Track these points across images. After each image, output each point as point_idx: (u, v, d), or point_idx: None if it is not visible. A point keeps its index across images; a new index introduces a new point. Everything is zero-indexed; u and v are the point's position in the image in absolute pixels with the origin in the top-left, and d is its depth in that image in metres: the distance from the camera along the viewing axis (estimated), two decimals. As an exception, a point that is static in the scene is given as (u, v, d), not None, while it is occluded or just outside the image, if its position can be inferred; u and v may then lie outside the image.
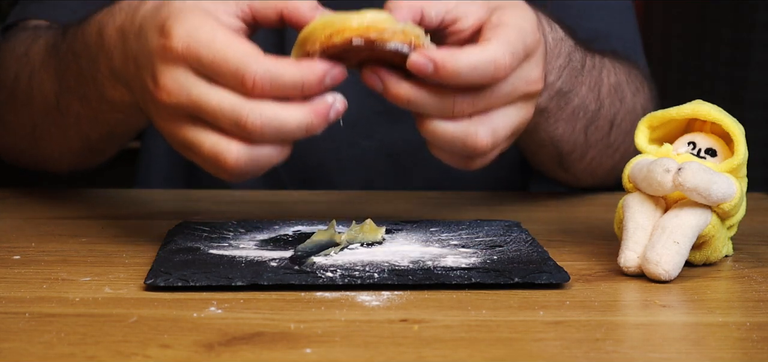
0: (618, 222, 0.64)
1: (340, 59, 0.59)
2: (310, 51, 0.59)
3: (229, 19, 0.62)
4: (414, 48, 0.59)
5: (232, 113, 0.58)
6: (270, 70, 0.58)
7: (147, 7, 0.64)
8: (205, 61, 0.59)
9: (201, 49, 0.59)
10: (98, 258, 0.65)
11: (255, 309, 0.54)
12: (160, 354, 0.48)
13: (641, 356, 0.49)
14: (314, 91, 0.59)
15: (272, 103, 0.58)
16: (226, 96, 0.59)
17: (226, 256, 0.63)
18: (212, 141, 0.60)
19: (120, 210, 0.81)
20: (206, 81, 0.59)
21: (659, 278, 0.60)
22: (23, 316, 0.53)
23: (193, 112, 0.60)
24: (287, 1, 0.62)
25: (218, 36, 0.59)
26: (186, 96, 0.59)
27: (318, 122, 0.60)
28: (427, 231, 0.70)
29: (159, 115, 0.63)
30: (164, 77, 0.60)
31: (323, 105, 0.60)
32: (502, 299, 0.57)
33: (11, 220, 0.77)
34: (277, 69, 0.58)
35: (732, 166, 0.62)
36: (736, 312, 0.56)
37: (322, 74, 0.59)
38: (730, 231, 0.65)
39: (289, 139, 0.60)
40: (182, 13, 0.60)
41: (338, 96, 0.60)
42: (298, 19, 0.61)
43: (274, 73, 0.58)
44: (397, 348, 0.49)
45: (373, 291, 0.57)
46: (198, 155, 0.61)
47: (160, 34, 0.60)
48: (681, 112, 0.64)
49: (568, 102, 0.79)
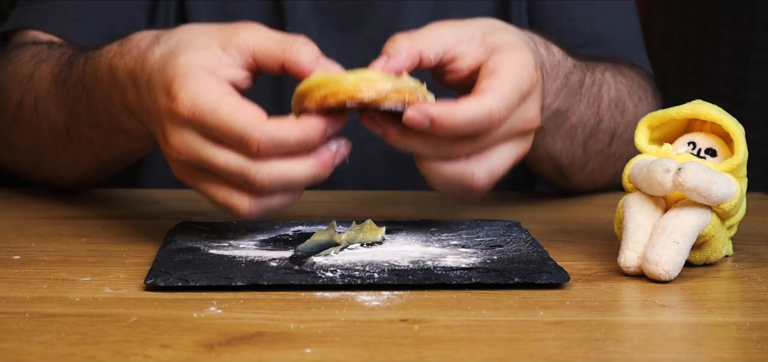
0: (618, 222, 0.64)
1: (338, 111, 0.61)
2: (308, 107, 0.61)
3: (234, 72, 0.64)
4: (409, 104, 0.61)
5: (240, 172, 0.61)
6: (274, 136, 0.60)
7: (155, 58, 0.65)
8: (210, 126, 0.61)
9: (205, 116, 0.61)
10: (98, 258, 0.65)
11: (255, 309, 0.54)
12: (160, 354, 0.48)
13: (641, 356, 0.49)
14: (318, 145, 0.61)
15: (278, 161, 0.61)
16: (233, 157, 0.61)
17: (226, 256, 0.63)
18: (224, 194, 0.62)
19: (120, 210, 0.81)
20: (213, 143, 0.61)
21: (659, 278, 0.60)
22: (23, 316, 0.53)
23: (202, 167, 0.62)
24: (288, 54, 0.64)
25: (222, 104, 0.61)
26: (195, 155, 0.62)
27: (324, 171, 0.62)
28: (427, 231, 0.70)
29: (172, 163, 0.65)
30: (173, 137, 0.62)
31: (328, 154, 0.62)
32: (502, 299, 0.57)
33: (11, 220, 0.77)
34: (281, 133, 0.60)
35: (732, 166, 0.62)
36: (736, 312, 0.56)
37: (324, 129, 0.61)
38: (730, 231, 0.65)
39: (298, 189, 0.63)
40: (187, 77, 0.62)
41: (342, 141, 0.63)
42: (297, 73, 0.63)
43: (278, 137, 0.60)
44: (397, 348, 0.49)
45: (373, 291, 0.57)
46: (211, 202, 0.64)
47: (167, 96, 0.62)
48: (681, 112, 0.64)
49: (565, 120, 0.80)
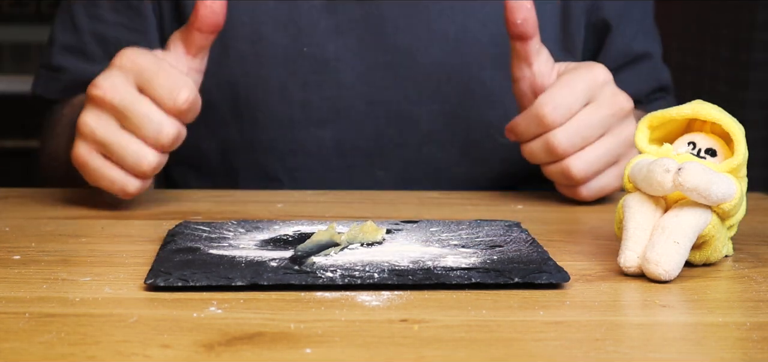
0: (618, 222, 0.64)
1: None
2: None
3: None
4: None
5: (158, 122, 0.75)
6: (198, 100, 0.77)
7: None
8: (145, 76, 0.75)
9: (143, 65, 0.76)
10: (98, 258, 0.65)
11: (255, 309, 0.54)
12: (160, 354, 0.48)
13: (641, 356, 0.49)
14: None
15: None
16: (155, 109, 0.76)
17: (226, 256, 0.63)
18: (116, 173, 0.77)
19: (120, 210, 0.81)
20: (140, 91, 0.75)
21: (659, 278, 0.60)
22: (23, 316, 0.53)
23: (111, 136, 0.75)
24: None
25: (161, 62, 0.77)
26: (119, 96, 0.74)
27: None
28: (427, 231, 0.70)
29: (82, 128, 0.77)
30: (104, 80, 0.75)
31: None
32: (502, 299, 0.57)
33: (11, 220, 0.77)
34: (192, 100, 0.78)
35: (732, 166, 0.62)
36: (736, 312, 0.56)
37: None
38: (730, 231, 0.65)
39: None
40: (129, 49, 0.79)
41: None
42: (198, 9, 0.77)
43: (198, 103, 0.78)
44: (397, 348, 0.49)
45: (373, 291, 0.58)
46: (101, 180, 0.77)
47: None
48: (681, 112, 0.64)
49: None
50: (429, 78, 0.98)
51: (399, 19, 0.97)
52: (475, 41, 0.98)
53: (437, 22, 0.97)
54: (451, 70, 0.98)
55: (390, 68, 0.97)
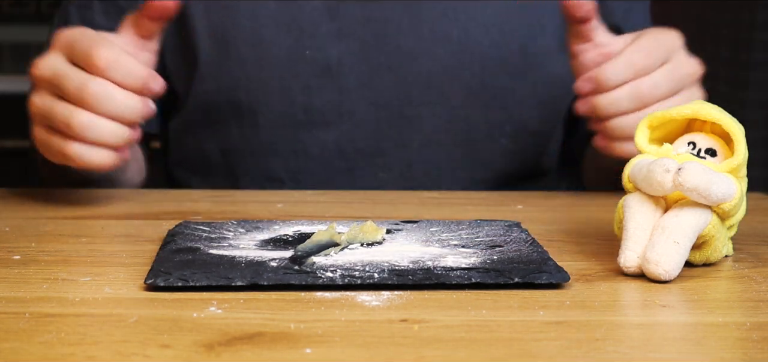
0: (618, 222, 0.64)
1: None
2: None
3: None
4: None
5: (80, 83, 0.74)
6: (117, 59, 0.74)
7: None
8: (77, 49, 0.76)
9: (76, 38, 0.77)
10: (98, 258, 0.65)
11: (255, 309, 0.54)
12: (160, 354, 0.48)
13: (641, 356, 0.49)
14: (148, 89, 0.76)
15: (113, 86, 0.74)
16: (82, 75, 0.75)
17: (226, 256, 0.63)
18: (62, 143, 0.76)
19: (120, 210, 0.81)
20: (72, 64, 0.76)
21: (659, 278, 0.60)
22: (23, 316, 0.53)
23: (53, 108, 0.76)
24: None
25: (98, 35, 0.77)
26: (51, 71, 0.76)
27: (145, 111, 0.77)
28: (427, 231, 0.70)
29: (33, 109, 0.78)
30: (42, 60, 0.77)
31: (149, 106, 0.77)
32: (502, 299, 0.57)
33: (11, 220, 0.77)
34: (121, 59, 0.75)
35: (732, 166, 0.62)
36: (736, 312, 0.56)
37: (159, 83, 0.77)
38: (730, 231, 0.65)
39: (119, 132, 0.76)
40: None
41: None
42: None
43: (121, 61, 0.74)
44: (397, 348, 0.49)
45: (373, 291, 0.57)
46: (55, 153, 0.77)
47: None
48: (681, 112, 0.64)
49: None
50: (431, 80, 0.98)
51: (401, 21, 0.97)
52: (477, 44, 0.98)
53: (439, 24, 0.97)
54: (453, 72, 0.98)
55: (392, 70, 0.98)
